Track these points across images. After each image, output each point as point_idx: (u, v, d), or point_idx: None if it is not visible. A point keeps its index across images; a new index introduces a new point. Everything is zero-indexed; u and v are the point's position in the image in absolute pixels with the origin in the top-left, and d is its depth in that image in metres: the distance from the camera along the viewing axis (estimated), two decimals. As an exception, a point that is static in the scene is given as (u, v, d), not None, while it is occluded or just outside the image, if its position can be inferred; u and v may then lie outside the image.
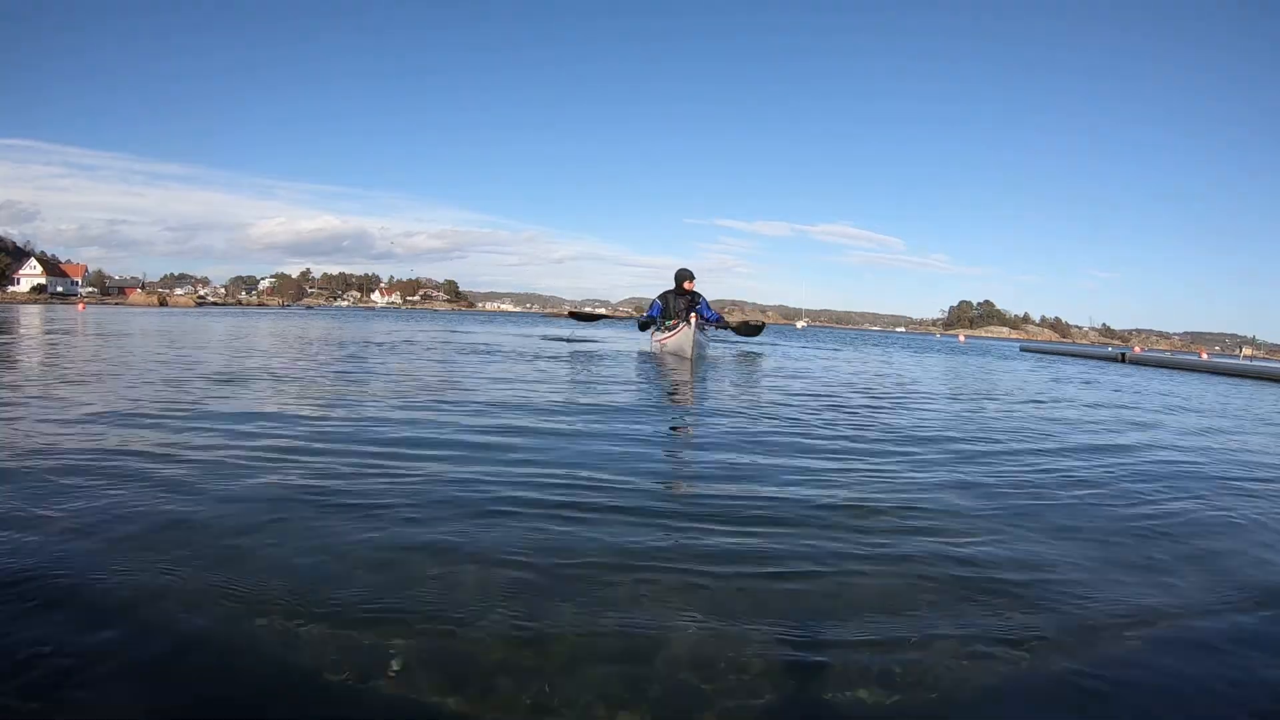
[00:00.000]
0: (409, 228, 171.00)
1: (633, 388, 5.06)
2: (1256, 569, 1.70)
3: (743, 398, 4.76)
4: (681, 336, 7.98)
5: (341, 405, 3.55)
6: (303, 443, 2.54)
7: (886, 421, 3.82)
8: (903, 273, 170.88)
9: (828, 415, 3.92)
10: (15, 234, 65.65)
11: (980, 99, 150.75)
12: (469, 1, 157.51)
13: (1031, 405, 5.27)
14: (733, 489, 2.14)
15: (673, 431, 3.34)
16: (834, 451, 2.83)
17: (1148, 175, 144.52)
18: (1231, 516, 2.18)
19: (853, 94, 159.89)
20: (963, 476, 2.48)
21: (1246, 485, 2.71)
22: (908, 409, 4.51)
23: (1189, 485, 2.61)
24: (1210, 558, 1.75)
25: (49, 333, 10.36)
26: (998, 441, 3.33)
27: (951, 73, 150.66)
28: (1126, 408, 5.58)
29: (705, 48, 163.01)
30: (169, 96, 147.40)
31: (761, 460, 2.58)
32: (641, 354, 8.69)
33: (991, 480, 2.45)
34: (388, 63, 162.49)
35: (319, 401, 3.67)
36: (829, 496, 2.10)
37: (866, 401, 4.79)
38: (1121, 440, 3.69)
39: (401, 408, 3.50)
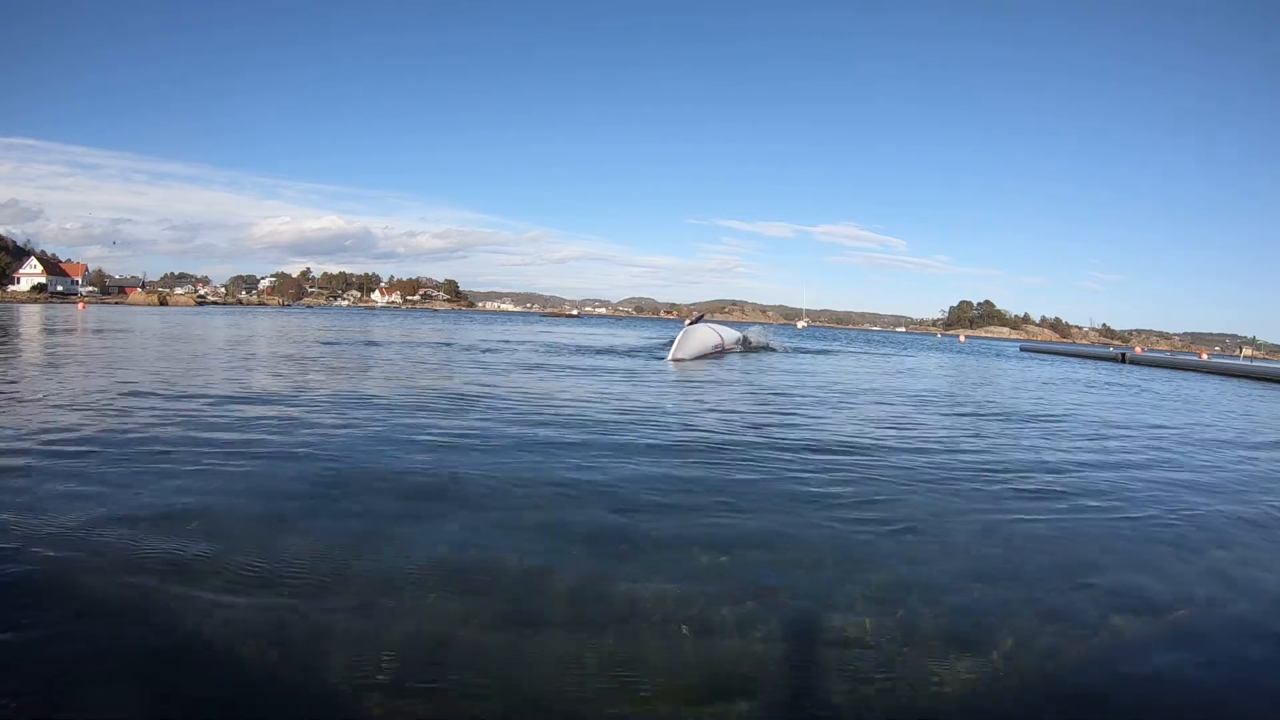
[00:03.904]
0: (412, 227, 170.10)
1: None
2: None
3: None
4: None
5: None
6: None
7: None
8: (904, 273, 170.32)
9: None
10: (18, 233, 65.67)
11: (980, 99, 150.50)
12: (471, 2, 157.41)
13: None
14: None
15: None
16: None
17: (1148, 175, 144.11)
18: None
19: (854, 94, 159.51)
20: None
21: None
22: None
23: None
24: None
25: (51, 331, 10.35)
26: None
27: (952, 73, 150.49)
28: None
29: (706, 48, 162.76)
30: (172, 96, 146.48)
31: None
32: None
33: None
34: (391, 63, 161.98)
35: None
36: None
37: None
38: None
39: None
